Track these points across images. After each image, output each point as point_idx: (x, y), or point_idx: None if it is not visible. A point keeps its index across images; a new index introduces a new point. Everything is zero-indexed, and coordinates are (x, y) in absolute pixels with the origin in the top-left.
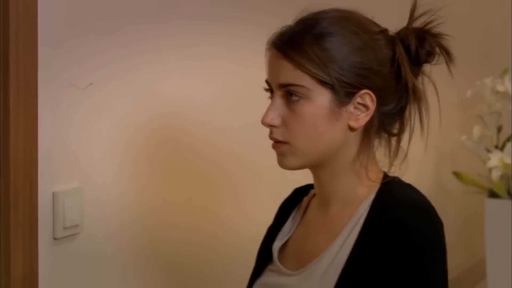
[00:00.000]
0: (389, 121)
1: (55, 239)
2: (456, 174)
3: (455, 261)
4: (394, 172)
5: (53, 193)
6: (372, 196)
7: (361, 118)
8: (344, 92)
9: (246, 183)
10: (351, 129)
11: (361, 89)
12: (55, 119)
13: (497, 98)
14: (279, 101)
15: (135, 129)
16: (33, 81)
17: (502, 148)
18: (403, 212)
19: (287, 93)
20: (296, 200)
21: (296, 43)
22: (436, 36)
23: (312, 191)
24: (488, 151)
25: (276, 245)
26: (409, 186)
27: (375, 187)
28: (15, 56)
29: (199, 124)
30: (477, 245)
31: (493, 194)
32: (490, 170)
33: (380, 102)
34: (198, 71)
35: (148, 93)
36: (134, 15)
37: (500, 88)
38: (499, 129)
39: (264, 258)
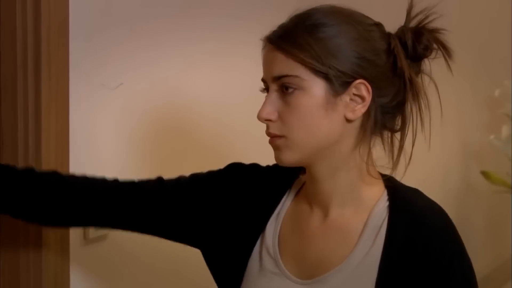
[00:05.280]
0: (388, 116)
1: (86, 239)
2: (484, 174)
3: (483, 261)
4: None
5: None
6: (383, 202)
7: (358, 109)
8: (339, 82)
9: None
10: (348, 120)
11: (356, 78)
12: (86, 119)
13: None
14: (274, 95)
15: (164, 129)
16: (64, 81)
17: None
18: (436, 226)
19: (281, 86)
20: (281, 180)
21: (288, 35)
22: (433, 31)
23: (303, 178)
24: None
25: (270, 243)
26: (419, 192)
27: (380, 190)
28: (46, 56)
29: (229, 125)
30: (505, 244)
31: None
32: None
33: (377, 94)
34: (227, 70)
35: (177, 92)
36: (163, 14)
37: None
38: None
39: (249, 233)
